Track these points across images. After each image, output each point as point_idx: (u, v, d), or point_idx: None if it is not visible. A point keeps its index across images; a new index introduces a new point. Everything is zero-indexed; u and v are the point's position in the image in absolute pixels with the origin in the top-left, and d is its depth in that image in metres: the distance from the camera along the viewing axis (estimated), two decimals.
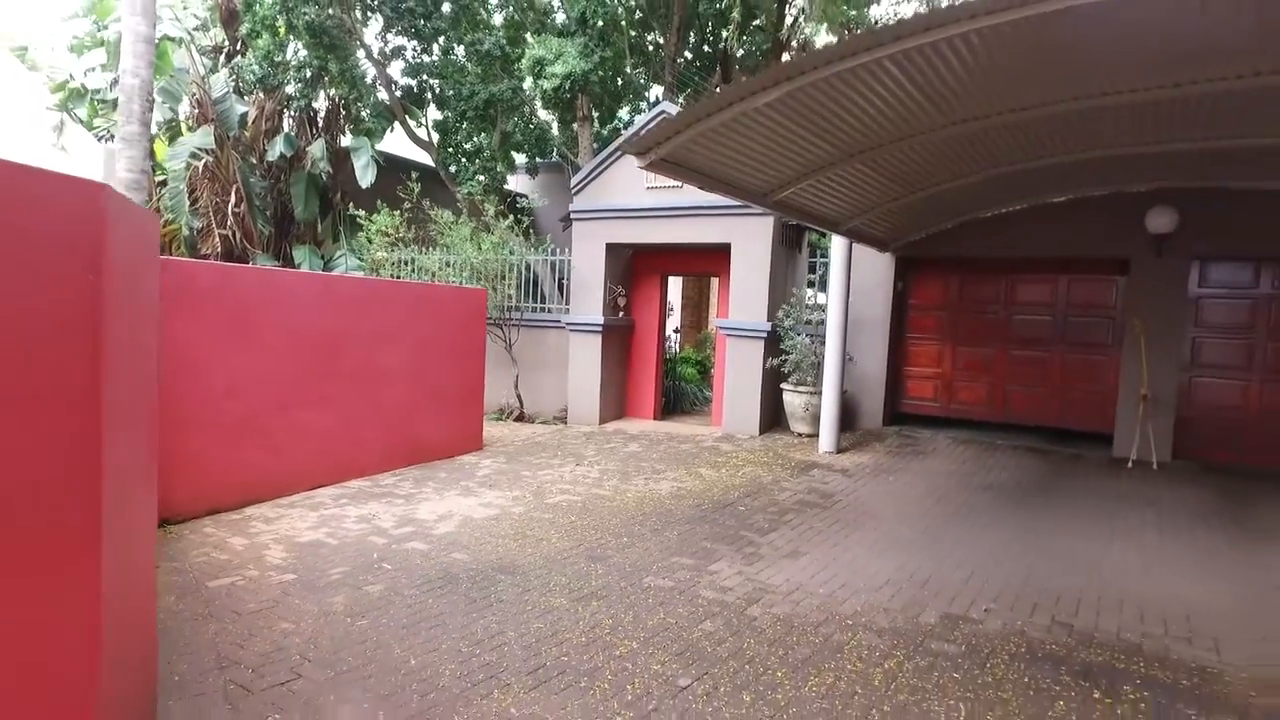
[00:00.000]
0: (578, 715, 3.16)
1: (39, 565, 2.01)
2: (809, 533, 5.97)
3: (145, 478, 2.77)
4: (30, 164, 1.94)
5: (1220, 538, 6.03)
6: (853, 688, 3.48)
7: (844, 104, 5.17)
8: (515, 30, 14.03)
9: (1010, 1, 3.81)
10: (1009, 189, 8.65)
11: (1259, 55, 4.59)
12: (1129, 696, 3.45)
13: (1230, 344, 8.94)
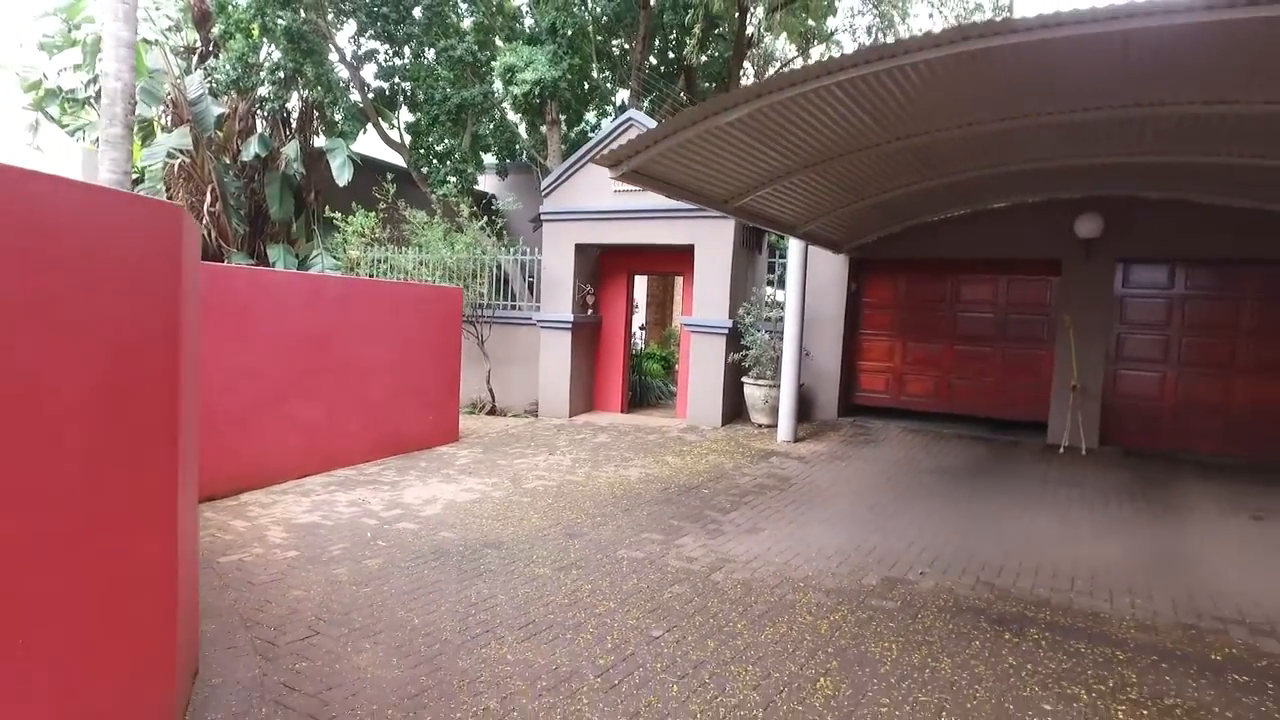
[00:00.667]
0: (565, 660, 3.66)
1: (143, 523, 2.46)
2: (767, 512, 6.54)
3: (194, 456, 3.20)
4: (136, 194, 2.38)
5: (1129, 512, 6.74)
6: (802, 635, 4.03)
7: (799, 122, 5.74)
8: (484, 34, 14.40)
9: (939, 40, 4.40)
10: (952, 196, 9.33)
11: (1157, 89, 5.25)
12: (1032, 636, 4.06)
13: (1149, 339, 9.75)
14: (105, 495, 2.30)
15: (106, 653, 2.37)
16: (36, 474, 2.03)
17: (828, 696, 3.38)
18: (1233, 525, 6.41)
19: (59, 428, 2.10)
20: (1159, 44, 4.30)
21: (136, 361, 2.38)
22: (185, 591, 2.94)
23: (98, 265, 2.20)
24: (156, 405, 2.48)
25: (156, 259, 2.44)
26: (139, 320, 2.37)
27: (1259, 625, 4.29)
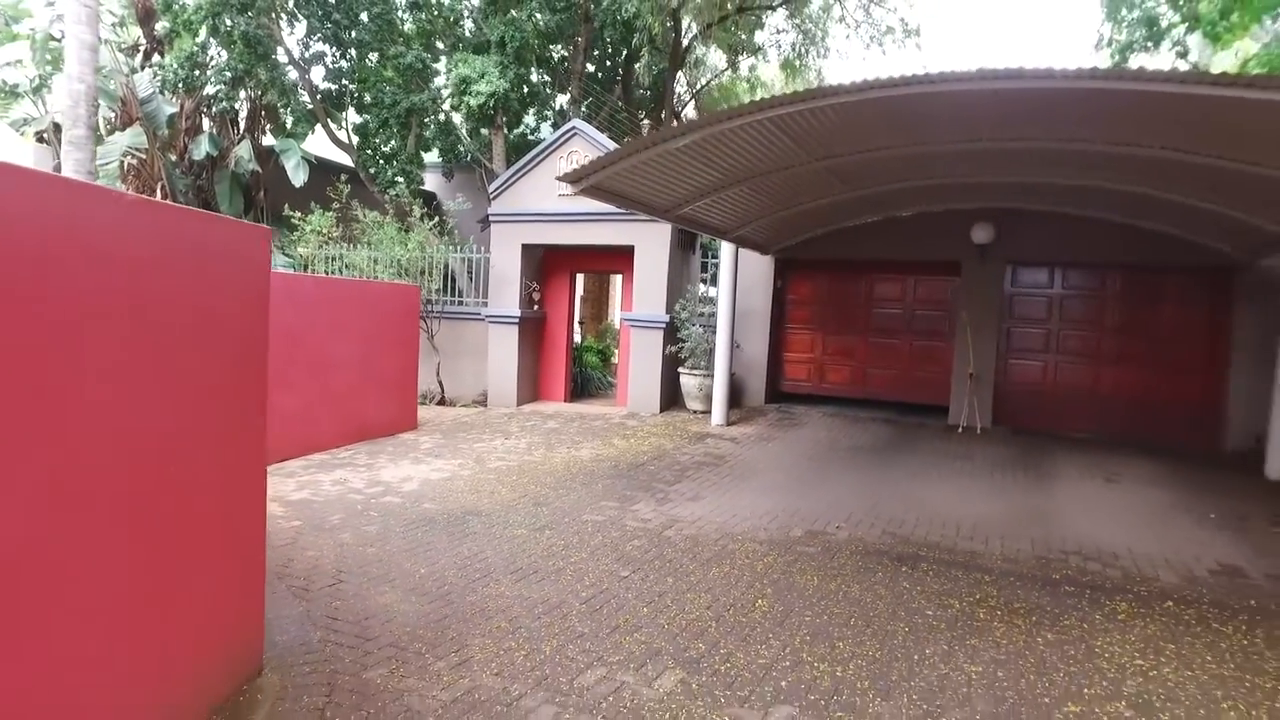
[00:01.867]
0: (553, 594, 4.50)
1: (249, 467, 3.20)
2: (706, 484, 7.48)
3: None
4: (244, 222, 3.11)
5: (1010, 479, 7.97)
6: (742, 572, 4.97)
7: (735, 147, 6.67)
8: (426, 38, 14.90)
9: (849, 89, 5.38)
10: (866, 206, 10.48)
11: (1019, 129, 6.41)
12: (923, 568, 5.11)
13: (1033, 332, 11.15)
14: (233, 447, 3.04)
15: (236, 562, 3.10)
16: (205, 428, 2.77)
17: (764, 612, 4.32)
18: (1089, 487, 7.70)
19: (212, 399, 2.84)
20: (1013, 97, 5.41)
21: (248, 344, 3.11)
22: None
23: (227, 274, 2.94)
24: (255, 381, 3.21)
25: (256, 269, 3.17)
26: (247, 313, 3.11)
27: (1091, 555, 5.46)
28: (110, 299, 2.34)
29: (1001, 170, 8.47)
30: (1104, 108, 5.51)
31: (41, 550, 2.10)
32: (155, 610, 2.64)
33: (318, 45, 13.53)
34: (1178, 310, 10.50)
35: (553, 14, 12.20)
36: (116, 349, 2.37)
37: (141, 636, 2.58)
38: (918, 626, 4.17)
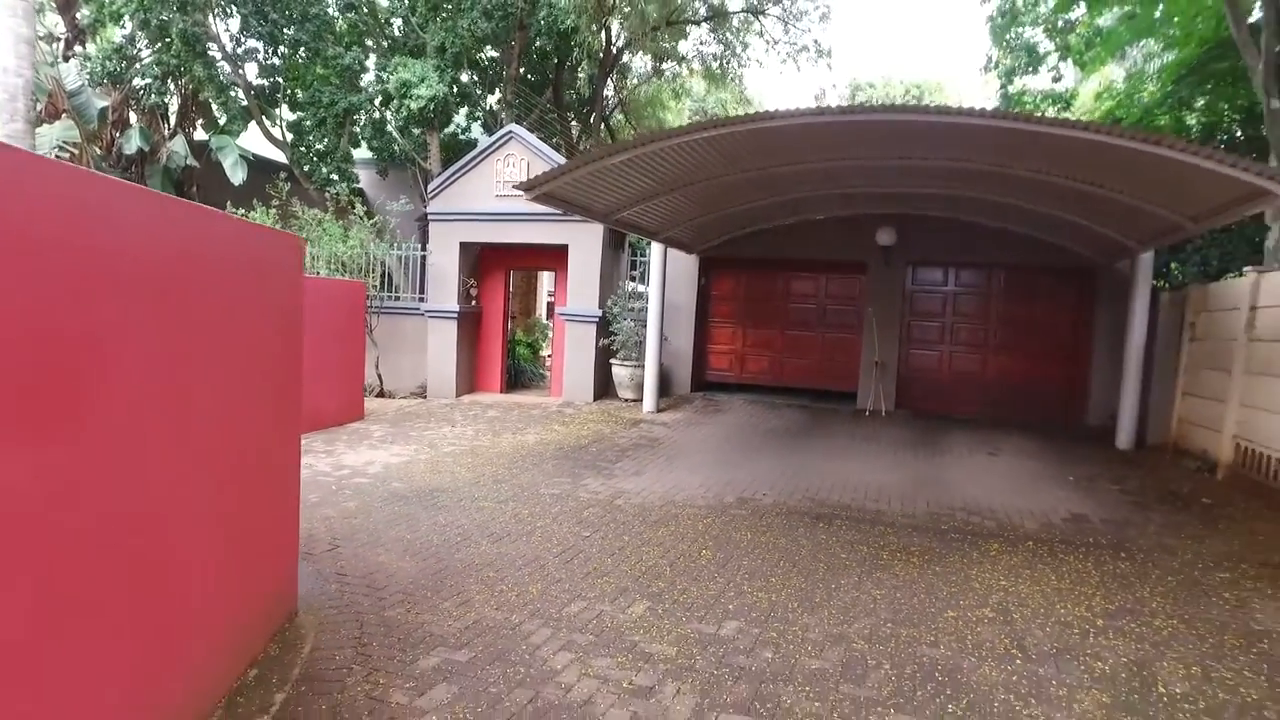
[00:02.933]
0: (529, 551, 5.21)
1: (291, 433, 3.82)
2: (645, 462, 8.29)
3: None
4: (286, 232, 3.73)
5: (910, 455, 9.10)
6: (686, 531, 5.80)
7: (667, 162, 7.50)
8: (356, 36, 15.14)
9: (758, 118, 6.27)
10: (783, 210, 11.50)
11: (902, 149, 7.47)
12: (837, 524, 6.06)
13: (930, 325, 12.44)
14: (283, 416, 3.66)
15: (280, 515, 3.71)
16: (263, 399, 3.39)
17: (709, 559, 5.16)
18: (975, 459, 8.90)
19: (266, 374, 3.45)
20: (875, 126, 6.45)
21: (288, 331, 3.72)
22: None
23: (278, 275, 3.55)
24: (294, 362, 3.83)
25: (294, 270, 3.79)
26: (291, 304, 3.72)
27: (973, 511, 6.55)
28: (219, 300, 2.95)
29: (899, 182, 9.60)
30: (957, 135, 6.60)
31: (187, 488, 2.71)
32: (240, 547, 3.25)
33: (250, 42, 13.63)
34: (1050, 305, 11.95)
35: (489, 21, 12.73)
36: (222, 339, 2.98)
37: (233, 563, 3.18)
38: (834, 565, 5.09)
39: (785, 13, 15.01)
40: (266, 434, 3.55)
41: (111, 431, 2.29)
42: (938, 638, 3.99)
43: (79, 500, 2.14)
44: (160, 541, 2.62)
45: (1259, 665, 3.76)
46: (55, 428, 2.03)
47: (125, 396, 2.36)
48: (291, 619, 3.93)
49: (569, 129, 16.32)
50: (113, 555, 2.32)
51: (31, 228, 1.91)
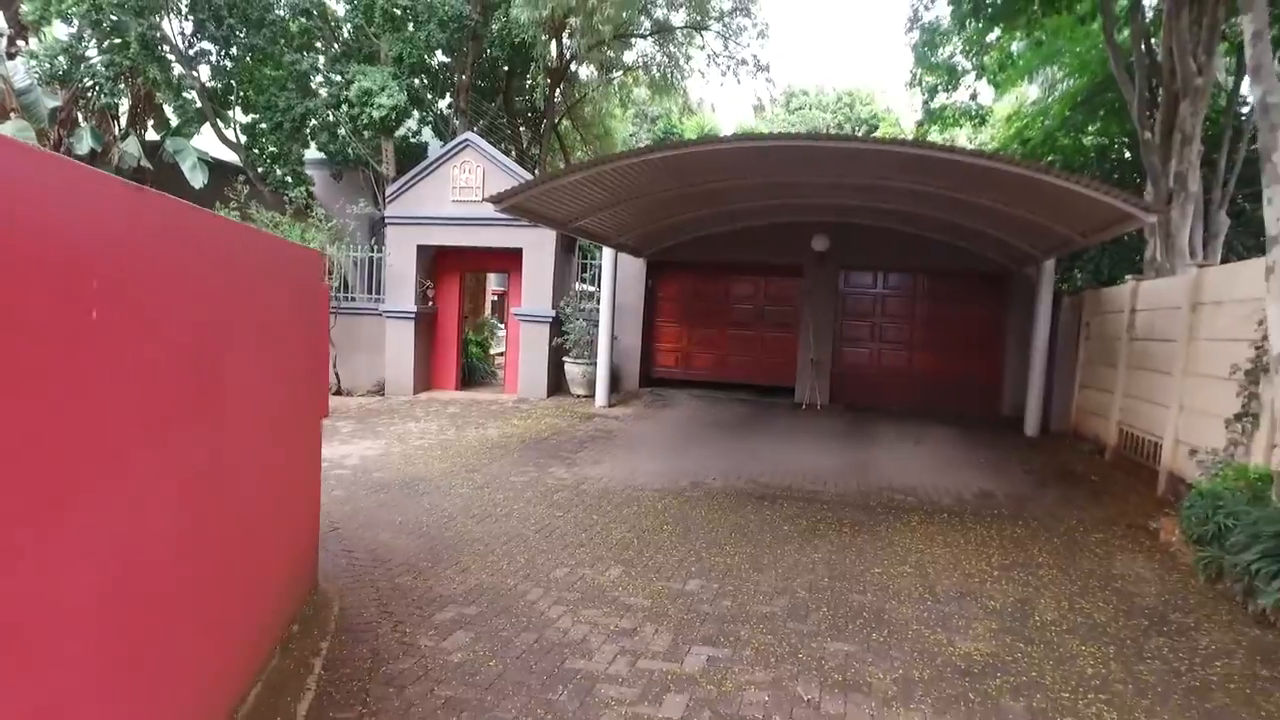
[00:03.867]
0: (510, 529, 5.85)
1: (314, 421, 4.40)
2: (603, 452, 8.99)
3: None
4: (312, 249, 4.30)
5: (844, 444, 10.03)
6: (648, 510, 6.52)
7: (620, 178, 8.23)
8: (308, 40, 15.38)
9: (700, 143, 7.04)
10: (725, 218, 12.32)
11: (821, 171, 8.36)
12: (779, 502, 6.87)
13: (861, 325, 13.46)
14: (312, 402, 4.25)
15: (309, 493, 4.29)
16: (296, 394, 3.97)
17: (670, 533, 5.89)
18: (901, 446, 9.88)
19: (299, 370, 4.04)
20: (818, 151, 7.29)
21: (314, 331, 4.31)
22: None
23: (298, 276, 4.14)
24: (321, 356, 4.41)
25: (319, 279, 4.37)
26: (315, 307, 4.31)
27: (898, 489, 7.47)
28: (280, 305, 3.54)
29: (830, 194, 10.51)
30: (870, 158, 7.51)
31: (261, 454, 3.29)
32: (287, 510, 3.83)
33: (203, 44, 13.79)
34: (968, 307, 13.09)
35: (444, 32, 13.20)
36: (281, 334, 3.56)
37: (284, 523, 3.77)
38: (778, 536, 5.89)
39: (725, 29, 15.89)
40: (303, 416, 4.13)
41: (231, 410, 2.89)
42: (865, 588, 4.81)
43: (222, 458, 2.74)
44: (252, 491, 3.21)
45: (1110, 598, 4.69)
46: (209, 406, 2.63)
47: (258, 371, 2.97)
48: (315, 587, 4.51)
49: (520, 135, 16.85)
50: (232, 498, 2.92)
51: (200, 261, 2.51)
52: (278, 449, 3.72)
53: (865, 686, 3.52)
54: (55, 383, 1.75)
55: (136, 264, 2.17)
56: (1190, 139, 8.89)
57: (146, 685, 2.31)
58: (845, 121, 30.99)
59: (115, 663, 2.11)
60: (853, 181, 8.79)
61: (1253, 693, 3.54)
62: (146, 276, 2.23)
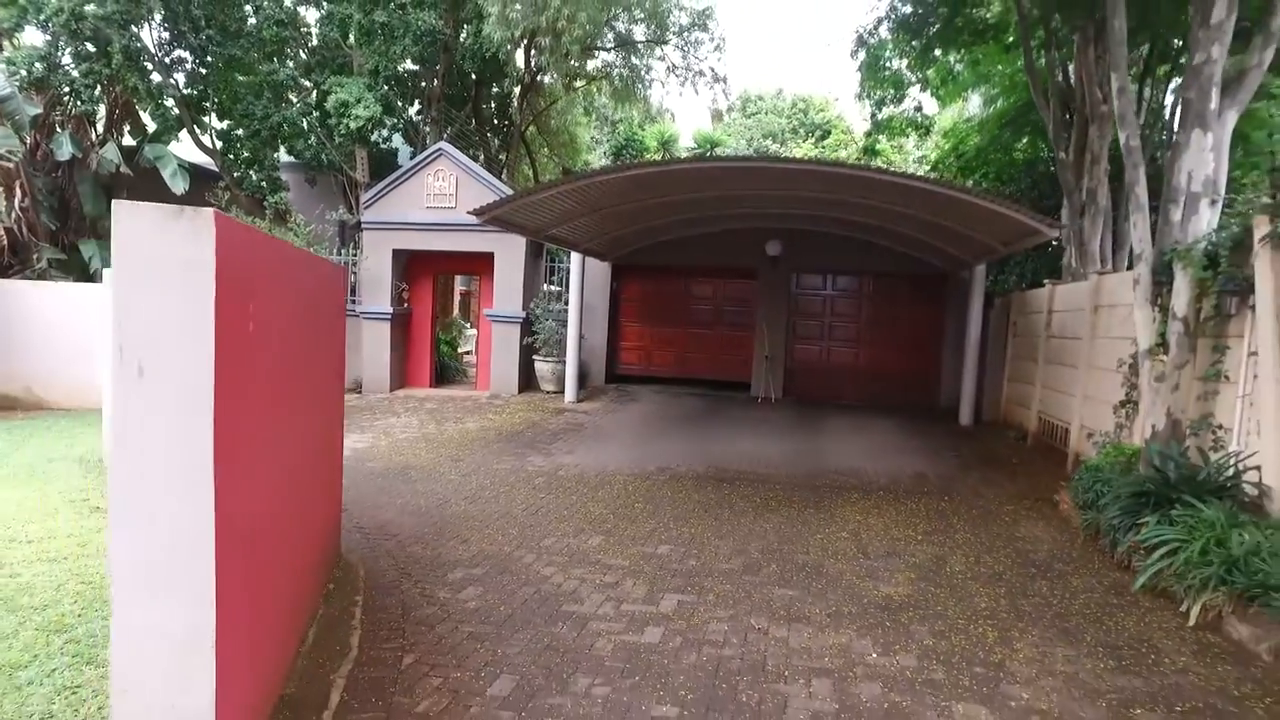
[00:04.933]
0: (501, 508, 6.61)
1: (337, 414, 5.13)
2: (575, 442, 9.77)
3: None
4: (336, 262, 5.03)
5: (795, 433, 10.96)
6: (619, 491, 7.33)
7: (589, 193, 9.01)
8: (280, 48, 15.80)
9: (664, 163, 7.87)
10: (685, 224, 13.18)
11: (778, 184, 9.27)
12: (736, 484, 7.74)
13: (812, 324, 14.44)
14: (335, 398, 4.97)
15: (336, 470, 5.01)
16: (327, 399, 4.70)
17: (641, 509, 6.71)
18: (848, 435, 10.84)
19: (330, 365, 4.77)
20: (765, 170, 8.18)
21: (336, 331, 5.04)
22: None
23: (327, 287, 4.87)
24: (338, 354, 5.14)
25: (340, 286, 5.10)
26: (338, 312, 5.04)
27: (842, 472, 8.40)
28: (321, 309, 4.28)
29: (783, 205, 11.43)
30: (811, 175, 8.43)
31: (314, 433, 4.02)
32: (325, 481, 4.56)
33: (179, 51, 14.18)
34: (910, 307, 14.15)
35: (418, 45, 13.81)
36: (322, 334, 4.29)
37: (325, 492, 4.49)
38: (735, 511, 6.76)
39: (684, 42, 16.73)
40: (335, 399, 4.86)
41: (307, 391, 3.63)
42: (809, 550, 5.69)
43: (304, 427, 3.48)
44: (312, 458, 3.95)
45: (1010, 554, 5.65)
46: (300, 390, 3.37)
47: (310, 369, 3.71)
48: (339, 555, 5.23)
49: (488, 143, 17.50)
50: (305, 462, 3.66)
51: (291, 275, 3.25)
52: (324, 425, 4.45)
53: (804, 619, 4.39)
54: (272, 371, 2.50)
55: (270, 287, 2.91)
56: (1099, 159, 9.96)
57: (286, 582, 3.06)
58: (799, 126, 32.11)
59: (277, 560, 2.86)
60: (797, 194, 9.71)
61: (1101, 615, 4.49)
62: (274, 295, 2.98)
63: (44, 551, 4.76)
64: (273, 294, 2.95)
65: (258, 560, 2.81)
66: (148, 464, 2.19)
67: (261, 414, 2.83)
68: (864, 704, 3.44)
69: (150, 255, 2.14)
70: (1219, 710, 3.44)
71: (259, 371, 2.75)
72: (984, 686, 3.63)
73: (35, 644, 3.51)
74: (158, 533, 2.20)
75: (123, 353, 2.15)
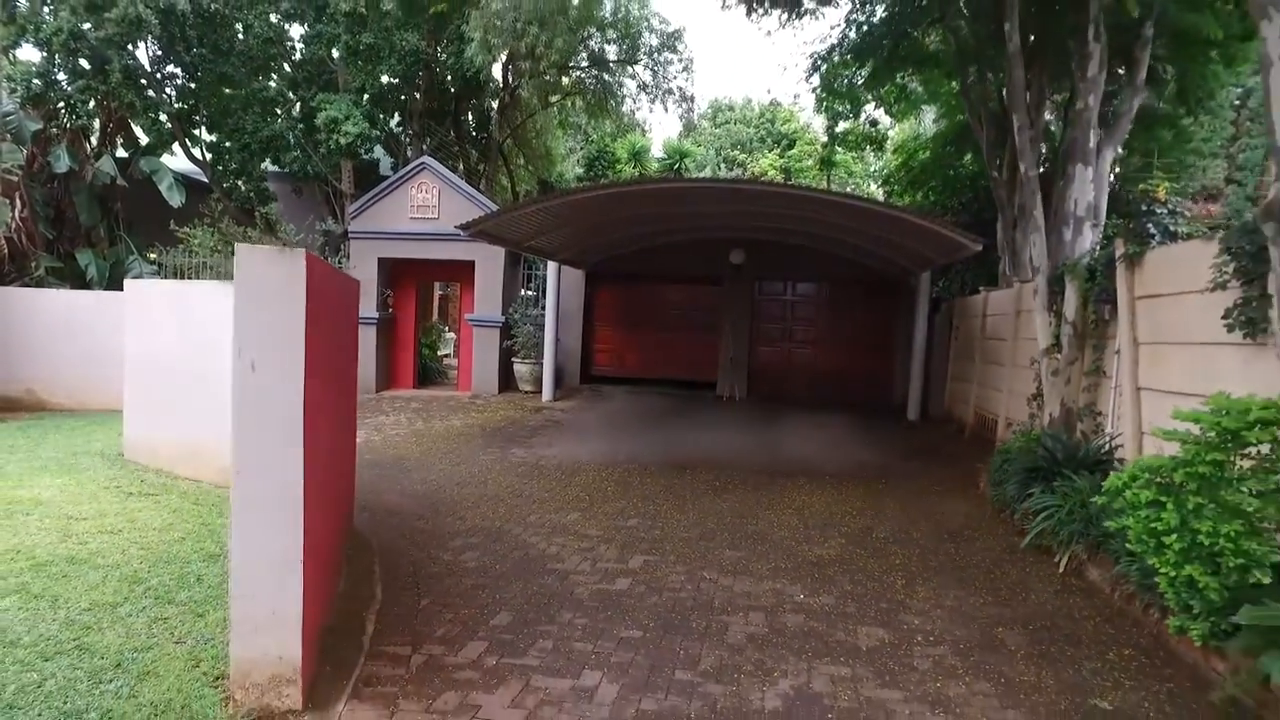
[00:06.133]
0: (488, 492, 7.46)
1: (351, 415, 5.97)
2: (554, 436, 10.64)
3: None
4: (351, 275, 5.88)
5: (756, 428, 11.91)
6: (593, 477, 8.21)
7: (566, 210, 9.89)
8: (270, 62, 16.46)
9: (635, 182, 8.79)
10: (655, 235, 14.12)
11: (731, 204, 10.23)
12: (700, 472, 8.65)
13: (773, 327, 15.45)
14: (353, 388, 5.81)
15: (352, 452, 5.83)
16: (348, 392, 5.54)
17: (612, 492, 7.61)
18: (803, 430, 11.83)
19: (350, 361, 5.61)
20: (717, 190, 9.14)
21: (354, 333, 5.88)
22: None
23: (350, 300, 5.71)
24: (353, 361, 5.97)
25: (356, 297, 5.94)
26: (353, 321, 5.88)
27: (796, 462, 9.37)
28: (345, 316, 5.12)
29: (746, 219, 12.41)
30: (766, 194, 9.38)
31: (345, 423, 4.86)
32: (347, 458, 5.39)
33: (170, 67, 14.83)
34: (864, 311, 15.20)
35: (402, 64, 14.62)
36: (345, 336, 5.13)
37: (347, 467, 5.32)
38: (696, 492, 7.68)
39: (654, 62, 17.69)
40: (352, 392, 5.70)
41: (345, 380, 4.48)
42: (757, 523, 6.63)
43: (344, 409, 4.33)
44: (344, 441, 4.79)
45: (929, 525, 6.63)
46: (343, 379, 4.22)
47: (341, 363, 4.55)
48: (353, 528, 6.06)
49: (468, 155, 18.31)
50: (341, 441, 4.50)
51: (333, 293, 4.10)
52: (348, 410, 5.29)
53: (748, 572, 5.31)
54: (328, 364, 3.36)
55: (329, 302, 3.77)
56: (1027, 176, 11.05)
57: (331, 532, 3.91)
58: (767, 136, 33.22)
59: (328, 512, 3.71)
60: (758, 209, 10.68)
61: (992, 568, 5.48)
62: (330, 307, 3.83)
63: (102, 526, 5.54)
64: (330, 306, 3.81)
65: (321, 509, 3.66)
66: (260, 433, 3.04)
67: (324, 397, 3.68)
68: (789, 628, 4.37)
69: (262, 282, 3.00)
70: (1060, 627, 4.42)
71: (323, 365, 3.61)
72: (886, 616, 4.58)
73: (121, 590, 4.32)
74: (266, 482, 3.06)
75: (241, 353, 3.01)
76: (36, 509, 5.89)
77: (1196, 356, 5.01)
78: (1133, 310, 5.76)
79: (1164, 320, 5.44)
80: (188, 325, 7.54)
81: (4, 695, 3.12)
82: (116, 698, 3.16)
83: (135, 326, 8.09)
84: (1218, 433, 3.46)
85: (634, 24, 16.88)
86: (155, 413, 7.83)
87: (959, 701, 3.57)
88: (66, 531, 5.37)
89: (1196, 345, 4.99)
